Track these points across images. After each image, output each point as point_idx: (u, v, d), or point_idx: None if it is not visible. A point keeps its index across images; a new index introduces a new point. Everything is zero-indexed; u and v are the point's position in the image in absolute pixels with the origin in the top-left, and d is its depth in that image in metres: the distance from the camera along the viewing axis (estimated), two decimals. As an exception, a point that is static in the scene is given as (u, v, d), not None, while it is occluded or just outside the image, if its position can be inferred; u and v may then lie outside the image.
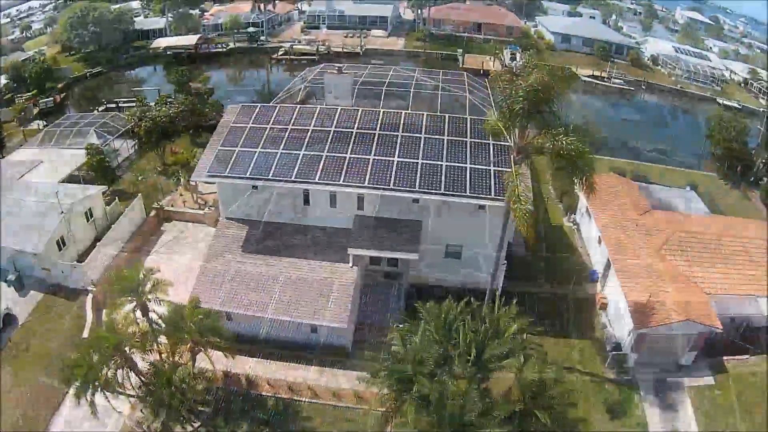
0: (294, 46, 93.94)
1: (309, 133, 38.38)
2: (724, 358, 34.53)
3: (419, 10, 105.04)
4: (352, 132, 38.33)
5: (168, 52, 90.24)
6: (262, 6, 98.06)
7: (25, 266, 40.58)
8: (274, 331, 35.40)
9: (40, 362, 34.79)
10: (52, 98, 71.73)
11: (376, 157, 36.19)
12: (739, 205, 56.38)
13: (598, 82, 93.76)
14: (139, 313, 29.78)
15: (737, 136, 60.34)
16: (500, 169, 35.10)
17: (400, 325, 31.94)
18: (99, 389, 27.06)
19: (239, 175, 36.15)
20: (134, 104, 67.33)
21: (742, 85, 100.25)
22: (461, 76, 52.22)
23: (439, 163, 35.84)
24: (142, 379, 28.25)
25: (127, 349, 27.53)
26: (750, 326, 36.07)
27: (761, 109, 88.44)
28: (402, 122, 39.03)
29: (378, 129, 38.56)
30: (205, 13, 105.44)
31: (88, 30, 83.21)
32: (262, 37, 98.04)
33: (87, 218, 44.15)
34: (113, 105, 69.63)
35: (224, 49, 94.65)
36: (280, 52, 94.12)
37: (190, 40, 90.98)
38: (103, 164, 50.08)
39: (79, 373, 26.72)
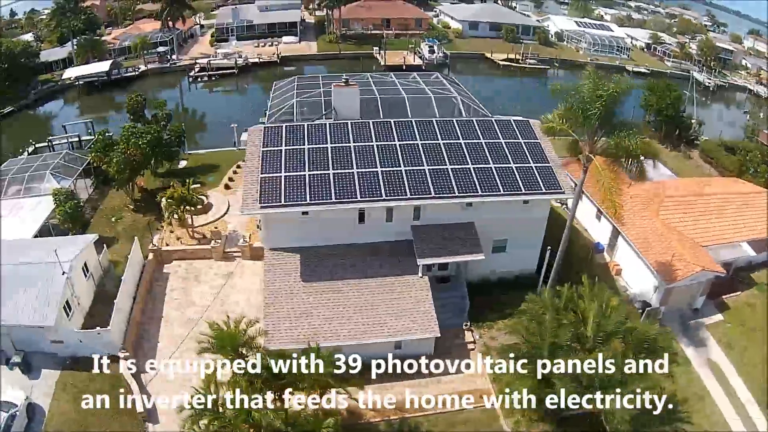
0: (211, 62, 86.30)
1: (353, 151, 34.81)
2: (723, 297, 38.68)
3: (329, 12, 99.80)
4: (395, 144, 35.67)
5: (79, 82, 79.88)
6: (170, 23, 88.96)
7: (27, 342, 32.54)
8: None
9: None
10: (-31, 145, 60.93)
11: (431, 167, 34.41)
12: (683, 165, 58.47)
13: (514, 64, 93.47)
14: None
15: (673, 103, 61.41)
16: (541, 165, 35.59)
17: (467, 324, 34.33)
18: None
19: (297, 202, 31.74)
20: (66, 141, 58.92)
21: (645, 50, 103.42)
22: (436, 77, 49.66)
23: (488, 165, 35.00)
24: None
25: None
26: (736, 267, 40.38)
27: (669, 71, 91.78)
28: (437, 130, 37.07)
29: (419, 139, 36.22)
30: (103, 38, 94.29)
31: (-4, 68, 71.97)
32: (173, 56, 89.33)
33: (84, 274, 36.63)
34: (44, 144, 59.95)
35: (137, 73, 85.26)
36: (197, 69, 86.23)
37: (102, 66, 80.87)
38: (77, 210, 42.17)
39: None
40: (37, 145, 59.62)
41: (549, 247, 35.32)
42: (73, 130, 62.08)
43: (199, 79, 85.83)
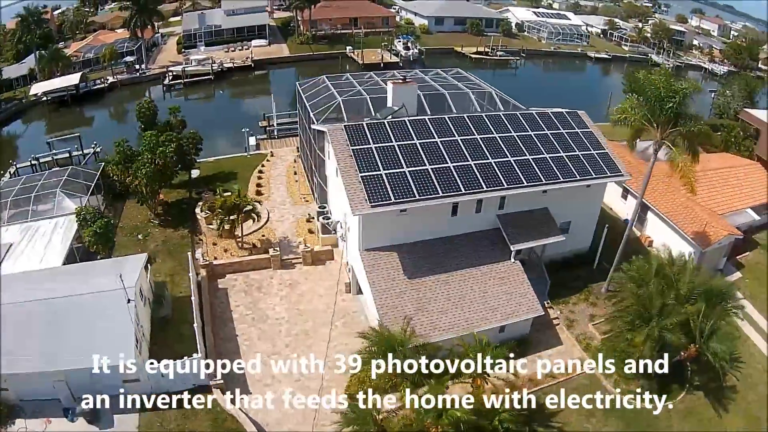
0: (186, 69, 79.97)
1: (441, 146, 32.78)
2: (737, 257, 41.17)
3: (297, 13, 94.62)
4: (477, 138, 33.97)
5: (47, 98, 72.05)
6: (139, 32, 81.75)
7: (89, 386, 26.42)
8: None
9: None
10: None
11: (515, 158, 33.37)
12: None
13: (485, 57, 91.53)
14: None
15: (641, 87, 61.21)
16: (601, 151, 35.71)
17: (547, 302, 34.18)
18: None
19: (406, 198, 29.35)
20: (51, 159, 52.84)
21: (601, 36, 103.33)
22: (457, 72, 47.53)
23: (560, 154, 34.55)
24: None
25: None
26: (744, 230, 42.02)
27: (627, 55, 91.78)
28: (509, 123, 35.81)
29: (495, 132, 34.75)
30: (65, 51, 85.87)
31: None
32: (142, 65, 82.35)
33: (140, 298, 31.41)
34: (26, 164, 53.10)
35: (106, 85, 77.90)
36: (170, 77, 79.71)
37: (72, 79, 72.93)
38: (108, 229, 36.60)
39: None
40: (18, 166, 52.88)
41: (606, 225, 36.81)
42: (59, 147, 55.60)
43: (173, 88, 79.35)
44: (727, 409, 29.87)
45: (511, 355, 25.38)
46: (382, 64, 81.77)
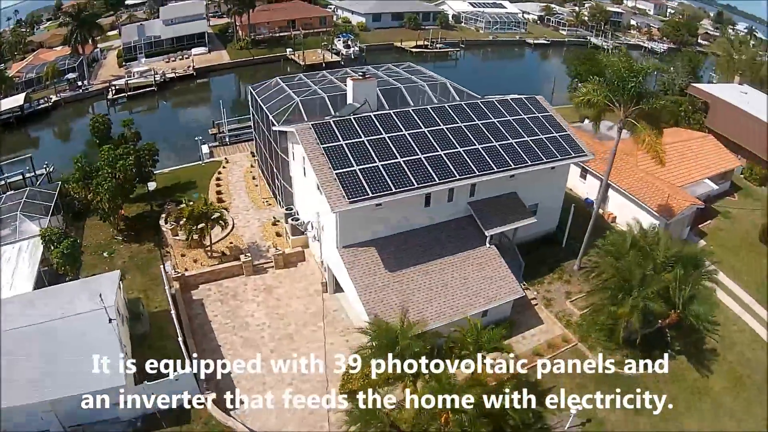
0: (129, 82, 77.39)
1: (410, 138, 32.56)
2: (699, 226, 42.88)
3: (235, 19, 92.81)
4: (443, 128, 33.88)
5: (-9, 120, 68.54)
6: (79, 48, 78.53)
7: (78, 413, 25.53)
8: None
9: None
10: None
11: (483, 145, 33.39)
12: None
13: (425, 50, 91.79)
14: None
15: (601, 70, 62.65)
16: (563, 133, 36.20)
17: (523, 284, 34.09)
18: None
19: (383, 192, 29.05)
20: (4, 182, 50.24)
21: (538, 22, 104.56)
22: (408, 66, 47.58)
23: (524, 138, 34.78)
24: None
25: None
26: (702, 200, 43.13)
27: (566, 40, 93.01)
28: (472, 112, 35.89)
29: (461, 121, 34.71)
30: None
31: None
32: (85, 81, 79.25)
33: (119, 317, 30.38)
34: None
35: (50, 104, 74.60)
36: (113, 92, 76.94)
37: (17, 100, 69.54)
38: (75, 248, 35.30)
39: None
40: (-32, 193, 50.33)
41: (573, 205, 37.91)
42: (10, 170, 53.26)
43: (117, 102, 76.68)
44: (710, 370, 31.06)
45: (511, 355, 25.80)
46: (323, 64, 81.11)
